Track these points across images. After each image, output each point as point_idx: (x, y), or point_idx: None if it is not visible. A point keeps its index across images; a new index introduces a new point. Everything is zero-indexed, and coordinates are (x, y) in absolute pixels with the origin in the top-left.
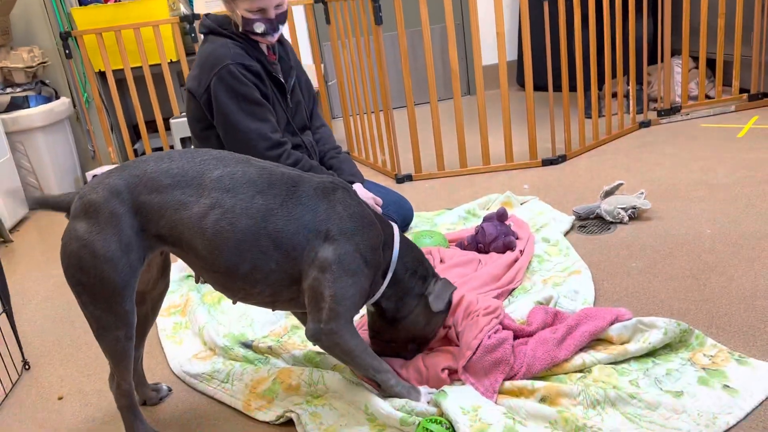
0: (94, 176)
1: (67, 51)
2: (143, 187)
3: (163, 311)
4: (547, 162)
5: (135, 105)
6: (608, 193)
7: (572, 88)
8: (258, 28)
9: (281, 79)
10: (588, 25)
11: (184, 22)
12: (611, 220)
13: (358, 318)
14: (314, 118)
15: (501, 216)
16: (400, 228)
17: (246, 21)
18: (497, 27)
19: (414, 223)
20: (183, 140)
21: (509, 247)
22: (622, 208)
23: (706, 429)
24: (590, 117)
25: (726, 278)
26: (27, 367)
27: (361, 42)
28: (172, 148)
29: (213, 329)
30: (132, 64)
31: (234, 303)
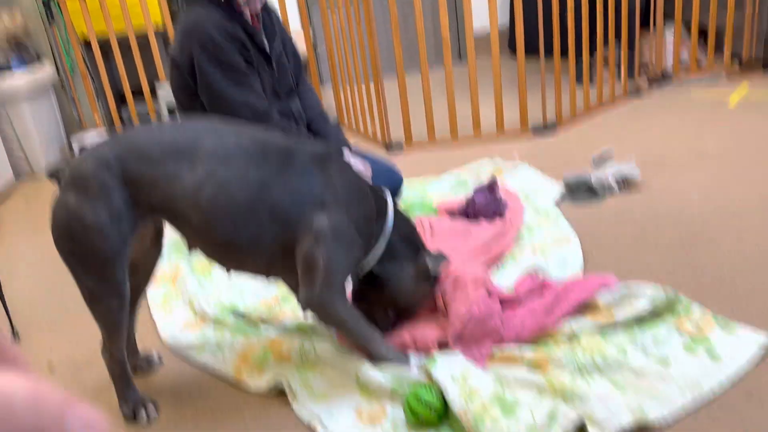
0: (82, 148)
1: (50, 15)
2: (133, 159)
3: (153, 280)
4: (538, 131)
5: (120, 71)
6: (598, 162)
7: (564, 54)
8: None
9: (265, 45)
10: None
11: None
12: (600, 189)
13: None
14: (300, 84)
15: (491, 186)
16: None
17: None
18: None
19: (404, 192)
20: (171, 110)
21: (499, 217)
22: (612, 177)
23: (691, 395)
24: (581, 84)
25: (713, 246)
26: (16, 337)
27: (351, 7)
28: (159, 116)
29: (203, 299)
30: (116, 29)
31: (228, 273)
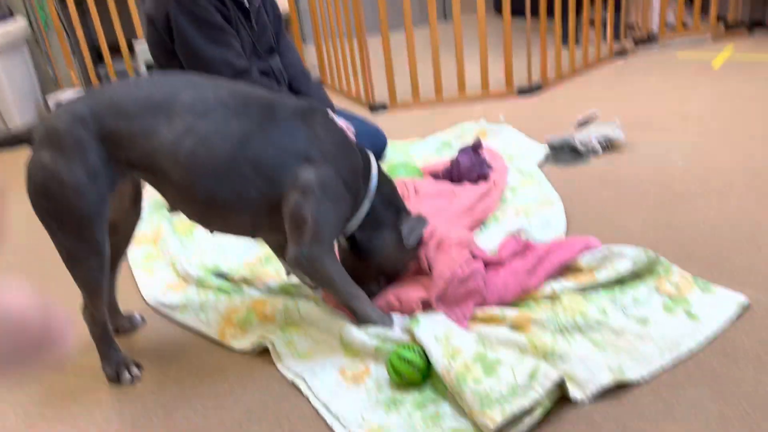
0: (59, 104)
1: None
2: (109, 114)
3: (134, 240)
4: (523, 91)
5: (96, 27)
6: (582, 124)
7: (550, 15)
8: None
9: (244, 1)
10: None
11: None
12: (584, 151)
13: None
14: (281, 41)
15: (475, 147)
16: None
17: None
18: None
19: (388, 154)
20: (149, 66)
21: (483, 178)
22: (596, 139)
23: (669, 354)
24: (567, 45)
25: (694, 208)
26: None
27: None
28: (137, 74)
29: (185, 260)
30: None
31: (212, 233)
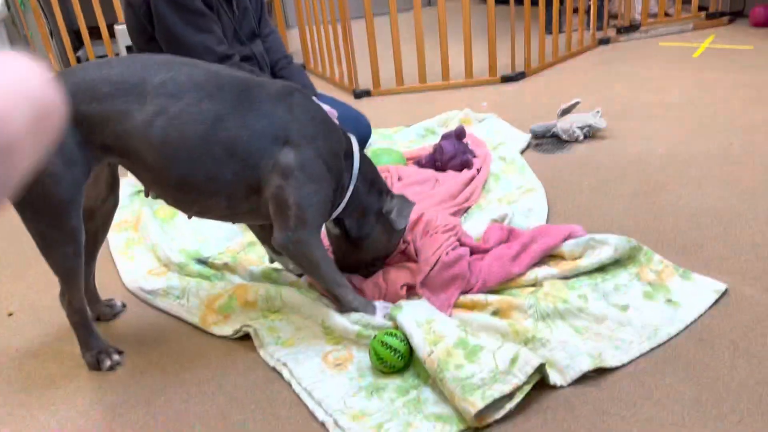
0: None
1: None
2: (82, 96)
3: (114, 227)
4: (507, 79)
5: (76, 8)
6: (565, 112)
7: (534, 2)
8: None
9: None
10: None
11: None
12: (567, 139)
13: None
14: (263, 26)
15: (459, 134)
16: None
17: None
18: None
19: (372, 140)
20: (129, 48)
21: (466, 165)
22: (578, 127)
23: (648, 340)
24: (551, 33)
25: (674, 196)
26: None
27: None
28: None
29: (167, 245)
30: None
31: (189, 218)
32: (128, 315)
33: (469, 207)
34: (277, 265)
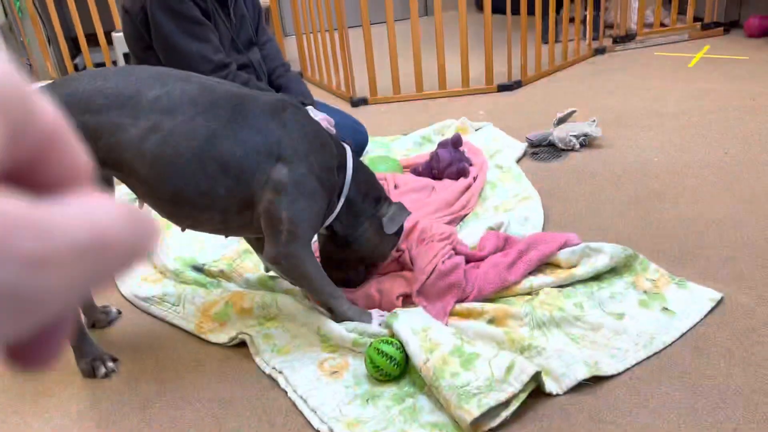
0: None
1: None
2: (76, 108)
3: None
4: (503, 88)
5: (73, 15)
6: (561, 121)
7: (530, 12)
8: None
9: None
10: None
11: None
12: (563, 148)
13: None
14: (260, 34)
15: (455, 142)
16: (355, 153)
17: None
18: None
19: (369, 148)
20: (126, 55)
21: (463, 174)
22: (574, 136)
23: (644, 349)
24: (547, 42)
25: (670, 205)
26: None
27: None
28: (115, 64)
29: (163, 252)
30: None
31: (183, 230)
32: (123, 322)
33: (466, 215)
34: (273, 273)
